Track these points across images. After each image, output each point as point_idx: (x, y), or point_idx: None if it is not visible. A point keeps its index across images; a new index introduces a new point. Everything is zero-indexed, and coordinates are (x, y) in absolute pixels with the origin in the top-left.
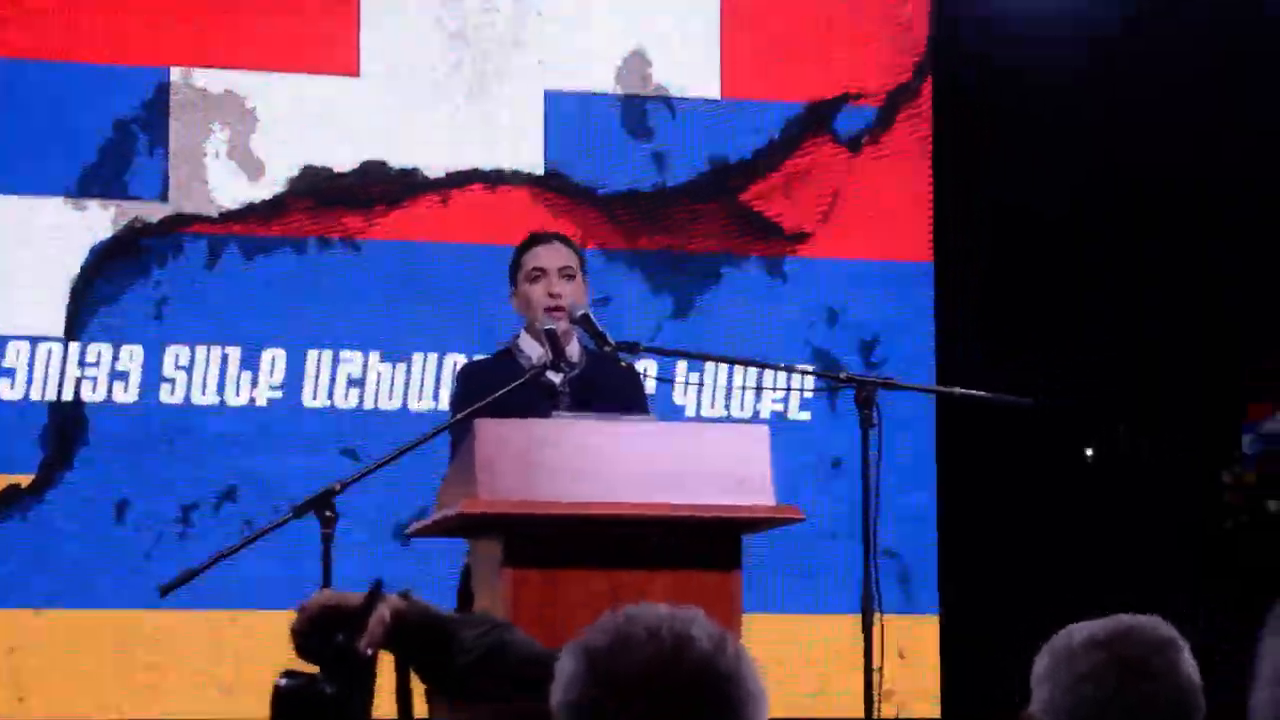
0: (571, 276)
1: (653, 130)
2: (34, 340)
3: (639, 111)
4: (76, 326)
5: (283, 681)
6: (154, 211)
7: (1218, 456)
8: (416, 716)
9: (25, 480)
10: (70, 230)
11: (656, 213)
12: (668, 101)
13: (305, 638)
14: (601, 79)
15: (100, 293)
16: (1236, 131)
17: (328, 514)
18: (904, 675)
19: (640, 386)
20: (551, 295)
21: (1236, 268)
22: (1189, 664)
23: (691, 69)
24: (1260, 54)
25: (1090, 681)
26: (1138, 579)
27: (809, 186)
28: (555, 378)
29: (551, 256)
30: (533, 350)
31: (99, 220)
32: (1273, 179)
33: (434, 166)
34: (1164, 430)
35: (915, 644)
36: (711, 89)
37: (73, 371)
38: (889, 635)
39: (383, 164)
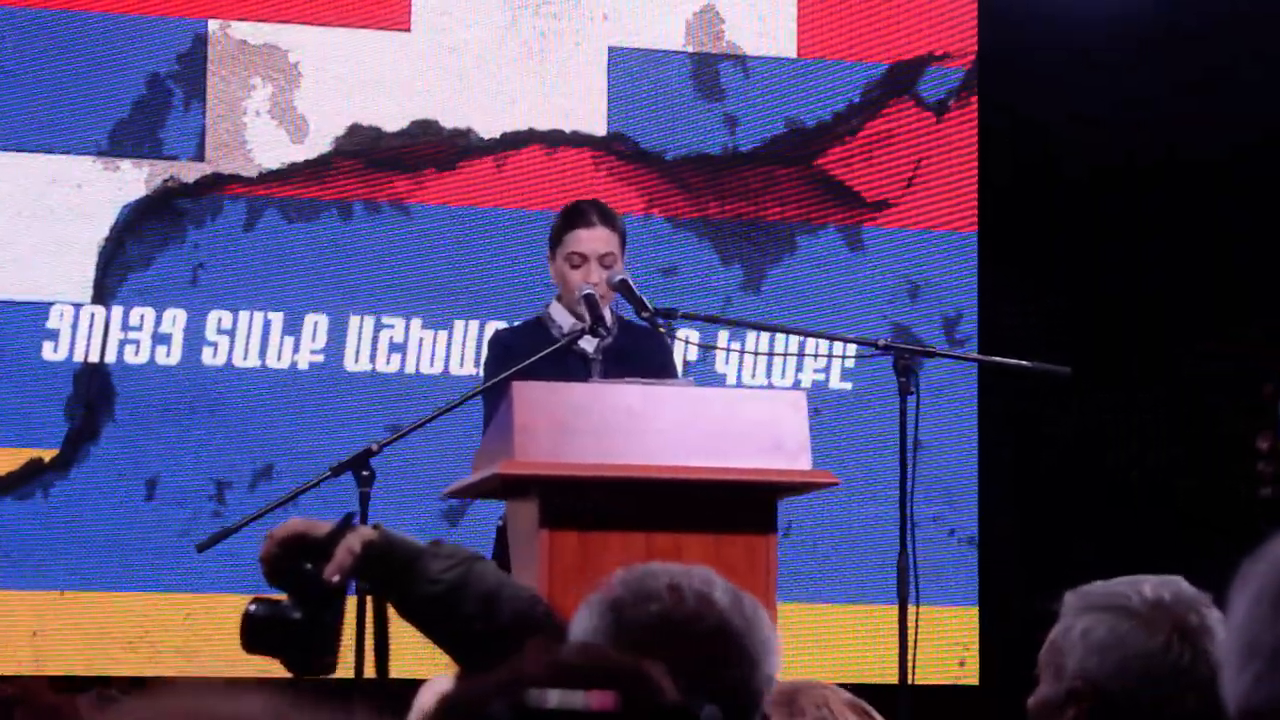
0: (611, 265)
1: (725, 91)
2: (71, 305)
3: (710, 70)
4: (105, 290)
5: (252, 607)
6: (190, 171)
7: (1252, 423)
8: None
9: (49, 455)
10: (101, 190)
11: (728, 178)
12: (741, 60)
13: (274, 564)
14: (670, 35)
15: (132, 255)
16: None
17: (364, 474)
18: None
19: (671, 355)
20: (591, 284)
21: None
22: (1217, 621)
23: (767, 26)
24: None
25: (1163, 648)
26: (1172, 548)
27: (891, 152)
28: (589, 345)
29: (593, 243)
30: (564, 320)
31: (132, 179)
32: None
33: (488, 128)
34: (1200, 394)
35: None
36: (788, 48)
37: (112, 335)
38: (969, 630)
39: (434, 124)
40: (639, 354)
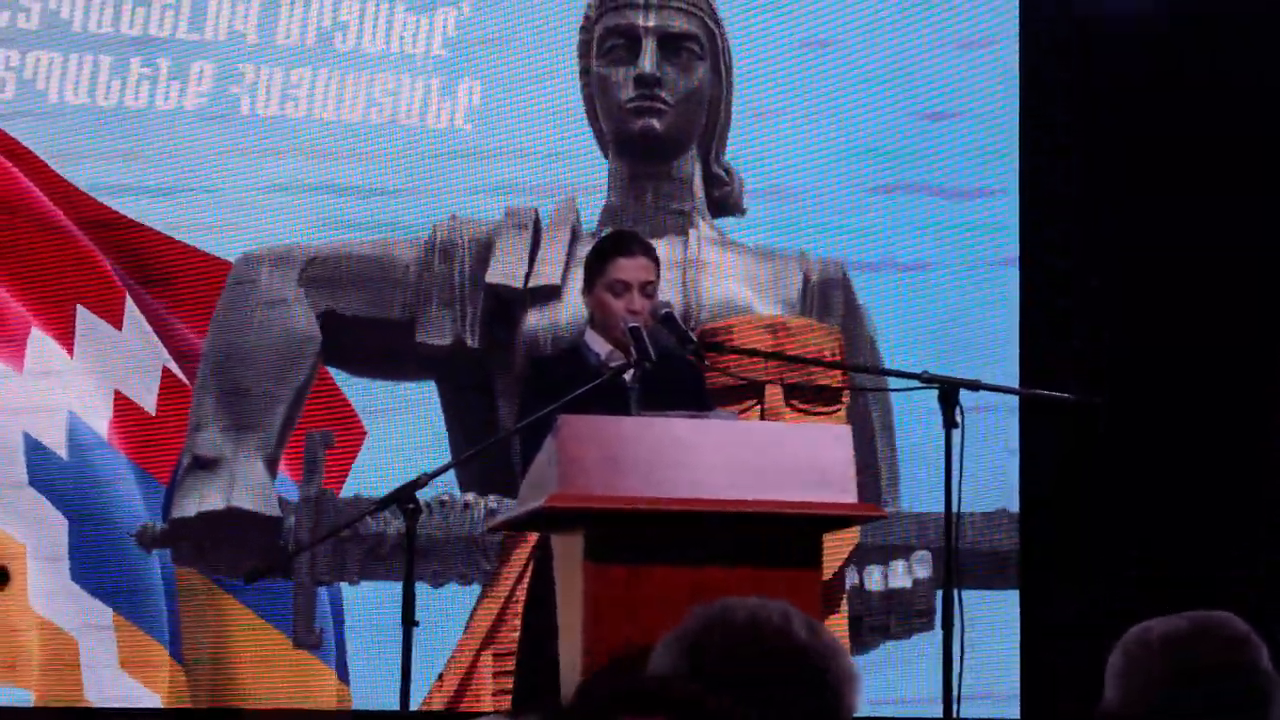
0: (652, 294)
1: None
2: None
3: None
4: None
5: None
6: None
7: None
8: None
9: None
10: None
11: None
12: None
13: None
14: None
15: None
16: None
17: (410, 506)
18: None
19: (704, 384)
20: (632, 312)
21: None
22: (1265, 659)
23: None
24: None
25: (1167, 683)
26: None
27: None
28: (625, 375)
29: (635, 271)
30: (600, 348)
31: None
32: None
33: None
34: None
35: None
36: None
37: None
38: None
39: None
40: (675, 382)
